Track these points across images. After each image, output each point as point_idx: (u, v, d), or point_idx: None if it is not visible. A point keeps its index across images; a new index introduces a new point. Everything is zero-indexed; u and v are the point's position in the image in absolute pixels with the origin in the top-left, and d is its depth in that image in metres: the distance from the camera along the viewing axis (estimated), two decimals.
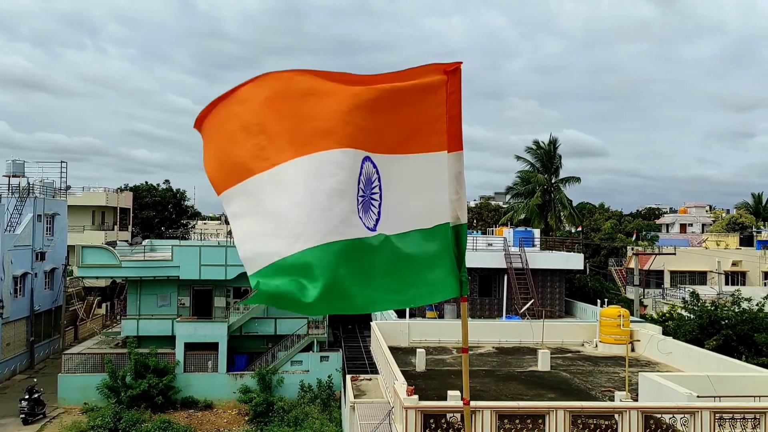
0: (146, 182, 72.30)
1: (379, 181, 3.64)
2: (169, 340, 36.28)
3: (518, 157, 53.82)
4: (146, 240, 50.66)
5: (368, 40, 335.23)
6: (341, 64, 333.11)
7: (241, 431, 31.89)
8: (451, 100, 3.75)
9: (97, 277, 42.91)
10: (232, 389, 35.11)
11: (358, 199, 3.49)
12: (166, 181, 74.73)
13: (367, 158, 3.54)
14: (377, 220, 3.63)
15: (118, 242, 46.91)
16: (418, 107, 3.69)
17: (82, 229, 53.09)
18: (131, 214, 63.41)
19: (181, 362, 35.27)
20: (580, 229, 52.90)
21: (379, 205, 3.65)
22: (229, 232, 55.80)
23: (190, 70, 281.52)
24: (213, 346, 35.84)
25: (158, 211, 69.71)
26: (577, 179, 52.59)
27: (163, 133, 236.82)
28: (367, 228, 3.55)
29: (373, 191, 3.63)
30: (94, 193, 57.16)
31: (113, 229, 56.62)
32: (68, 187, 49.84)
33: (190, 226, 74.02)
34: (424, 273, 3.77)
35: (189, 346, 35.75)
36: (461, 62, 3.74)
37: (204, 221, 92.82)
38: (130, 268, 37.08)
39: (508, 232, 40.71)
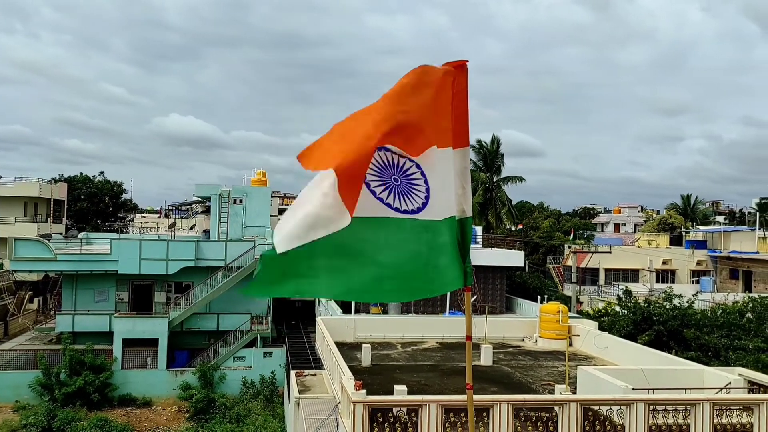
0: (81, 173, 70.06)
1: (420, 169, 3.86)
2: (107, 336, 35.33)
3: None
4: (82, 233, 49.08)
5: (313, 35, 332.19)
6: (285, 58, 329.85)
7: (181, 429, 31.38)
8: (457, 98, 3.87)
9: (30, 271, 41.33)
10: (171, 386, 34.47)
11: (369, 184, 3.68)
12: (102, 173, 72.63)
13: (386, 149, 3.75)
14: (422, 206, 3.87)
15: (52, 235, 45.33)
16: (428, 106, 3.80)
17: (13, 220, 50.96)
18: (66, 206, 61.25)
19: (119, 359, 34.44)
20: (521, 227, 54.12)
21: (427, 190, 3.89)
22: (170, 226, 54.56)
23: (128, 59, 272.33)
24: (153, 342, 35.09)
25: (94, 204, 67.61)
26: (521, 178, 53.73)
27: (97, 122, 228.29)
28: (397, 210, 3.78)
29: (410, 178, 3.84)
30: (26, 184, 54.87)
31: (47, 222, 54.52)
32: None
33: (128, 219, 72.04)
34: (439, 264, 3.97)
35: (127, 342, 34.91)
36: (467, 60, 3.86)
37: (143, 214, 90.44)
38: (65, 262, 35.98)
39: None
